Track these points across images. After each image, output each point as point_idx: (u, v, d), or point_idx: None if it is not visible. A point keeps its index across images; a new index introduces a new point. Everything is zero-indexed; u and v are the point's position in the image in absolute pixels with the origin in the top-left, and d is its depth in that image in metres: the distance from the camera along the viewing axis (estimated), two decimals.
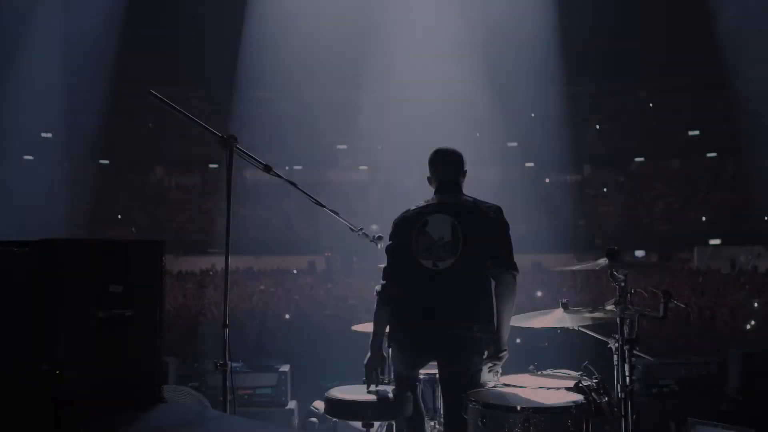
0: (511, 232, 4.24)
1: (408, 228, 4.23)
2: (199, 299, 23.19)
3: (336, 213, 4.60)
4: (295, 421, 6.00)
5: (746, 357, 6.28)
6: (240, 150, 3.95)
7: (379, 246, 4.53)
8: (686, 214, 39.42)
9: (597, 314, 3.97)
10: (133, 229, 39.74)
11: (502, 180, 43.67)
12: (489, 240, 4.02)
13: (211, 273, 33.47)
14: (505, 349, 4.01)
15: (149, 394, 3.25)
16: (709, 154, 42.44)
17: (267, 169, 4.13)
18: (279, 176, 4.25)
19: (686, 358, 6.37)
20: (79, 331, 3.07)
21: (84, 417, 3.00)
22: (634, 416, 4.07)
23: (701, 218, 38.63)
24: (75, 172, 39.55)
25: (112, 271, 3.19)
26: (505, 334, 3.99)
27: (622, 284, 3.87)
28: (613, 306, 3.90)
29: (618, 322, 3.88)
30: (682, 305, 3.75)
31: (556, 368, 5.08)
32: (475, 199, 4.26)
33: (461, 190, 4.36)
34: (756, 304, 18.68)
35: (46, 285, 2.97)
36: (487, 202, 4.24)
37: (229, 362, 3.83)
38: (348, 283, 28.30)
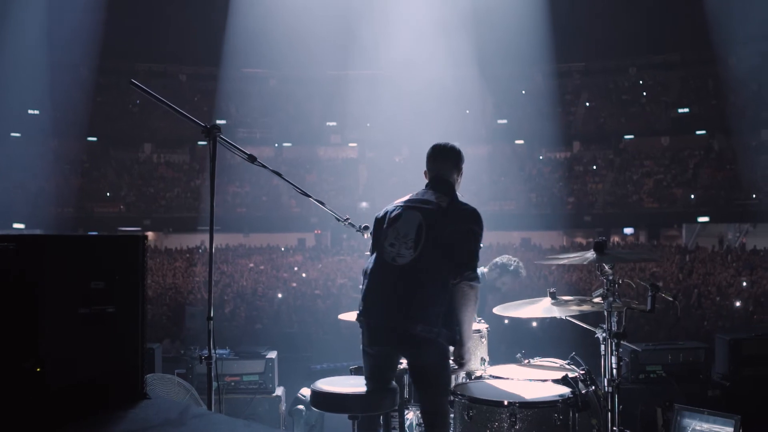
0: (483, 234, 4.15)
1: (383, 221, 4.25)
2: (188, 278, 23.25)
3: (322, 203, 4.55)
4: (282, 407, 5.99)
5: (733, 343, 6.30)
6: (223, 139, 3.89)
7: (365, 236, 4.50)
8: (675, 192, 39.47)
9: (584, 307, 3.95)
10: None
11: (492, 157, 43.66)
12: (451, 246, 3.93)
13: (200, 250, 33.46)
14: (466, 358, 3.95)
15: (132, 391, 3.23)
16: (698, 132, 42.45)
17: (251, 159, 4.07)
18: (264, 166, 4.19)
19: (673, 344, 6.38)
20: (61, 328, 3.03)
21: (66, 415, 2.98)
22: (621, 407, 4.07)
23: (690, 196, 38.70)
24: (62, 149, 39.34)
25: (94, 267, 3.15)
26: (465, 343, 3.93)
27: (610, 278, 3.85)
28: (601, 298, 3.88)
29: (605, 315, 3.86)
30: (670, 298, 3.73)
31: (544, 356, 5.10)
32: (456, 201, 4.19)
33: (450, 190, 4.27)
34: (744, 283, 18.84)
35: (27, 281, 2.93)
36: (466, 208, 4.16)
37: (214, 355, 3.81)
38: (338, 261, 28.39)
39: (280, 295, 17.26)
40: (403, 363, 4.28)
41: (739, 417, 5.22)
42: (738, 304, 15.82)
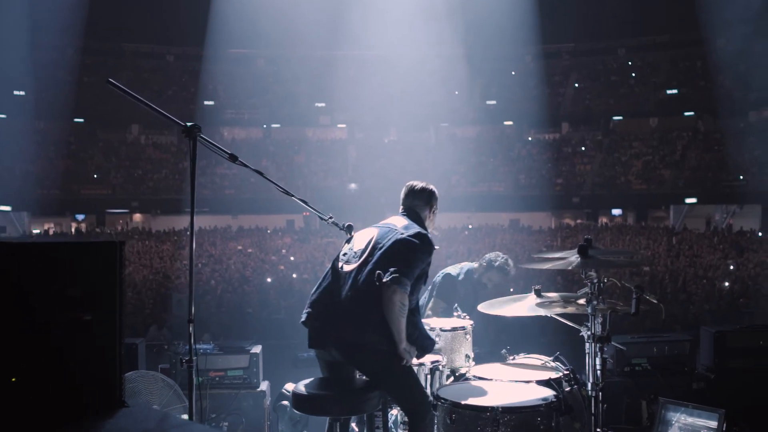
0: (424, 255, 4.16)
1: (353, 236, 4.45)
2: (176, 261, 23.16)
3: (305, 202, 4.52)
4: (267, 402, 5.97)
5: (718, 335, 6.30)
6: (204, 139, 3.82)
7: (348, 235, 4.47)
8: (663, 173, 39.56)
9: (569, 309, 3.92)
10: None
11: (480, 138, 43.64)
12: (390, 255, 4.02)
13: (188, 232, 33.27)
14: (405, 354, 3.98)
15: (110, 399, 3.18)
16: (686, 113, 42.52)
17: (233, 158, 4.02)
18: (245, 165, 4.15)
19: (659, 336, 6.37)
20: (36, 336, 2.98)
21: (42, 425, 2.94)
22: (605, 406, 4.06)
23: (678, 177, 38.81)
24: (49, 130, 39.08)
25: (70, 274, 3.10)
26: (400, 341, 3.95)
27: (594, 280, 3.82)
28: (585, 301, 3.85)
29: (590, 318, 3.84)
30: (654, 301, 3.70)
31: (529, 352, 5.09)
32: (412, 225, 4.30)
33: (416, 218, 4.42)
34: (731, 267, 18.92)
35: (1, 289, 2.88)
36: (416, 229, 4.24)
37: (195, 359, 3.77)
38: (326, 243, 28.29)
39: (269, 280, 17.21)
40: None
41: (723, 411, 5.23)
42: (726, 284, 15.90)
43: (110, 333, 3.18)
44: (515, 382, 4.16)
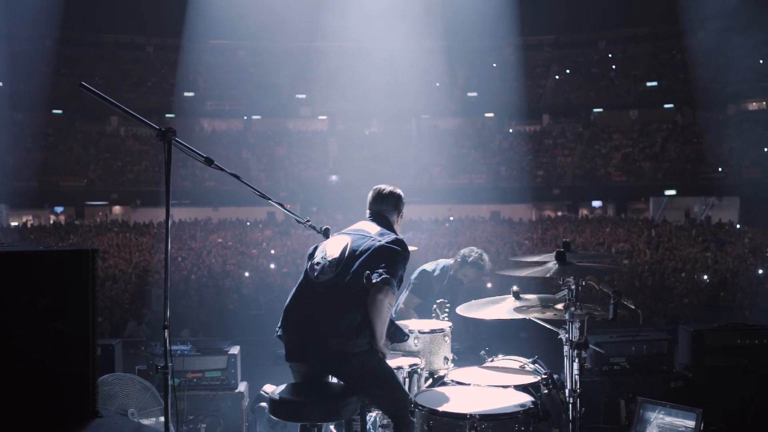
0: (402, 259, 4.15)
1: (319, 244, 4.38)
2: (155, 254, 23.00)
3: (282, 205, 4.48)
4: (245, 403, 5.93)
5: (696, 334, 6.32)
6: (179, 143, 3.78)
7: (326, 238, 4.44)
8: (643, 165, 39.80)
9: (547, 314, 3.91)
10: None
11: (461, 130, 43.70)
12: (370, 261, 4.00)
13: (168, 224, 33.07)
14: (383, 349, 4.07)
15: (83, 410, 3.14)
16: (666, 105, 42.77)
17: (208, 162, 3.97)
18: (221, 169, 4.10)
19: (637, 335, 6.38)
20: (6, 346, 2.94)
21: None
22: (582, 410, 4.06)
23: (657, 169, 39.05)
24: (27, 122, 38.72)
25: (41, 283, 3.05)
26: (380, 338, 4.02)
27: (572, 286, 3.81)
28: (563, 306, 3.84)
29: (567, 324, 3.83)
30: (632, 306, 3.71)
31: (508, 353, 5.08)
32: (386, 231, 4.26)
33: (387, 225, 4.36)
34: (710, 261, 19.02)
35: None
36: (390, 235, 4.22)
37: (170, 365, 3.72)
38: (306, 236, 28.18)
39: (247, 274, 17.12)
40: None
41: (701, 410, 5.26)
42: (705, 278, 15.99)
43: (83, 343, 3.14)
44: (493, 387, 4.15)
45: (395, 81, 35.56)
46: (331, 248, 4.18)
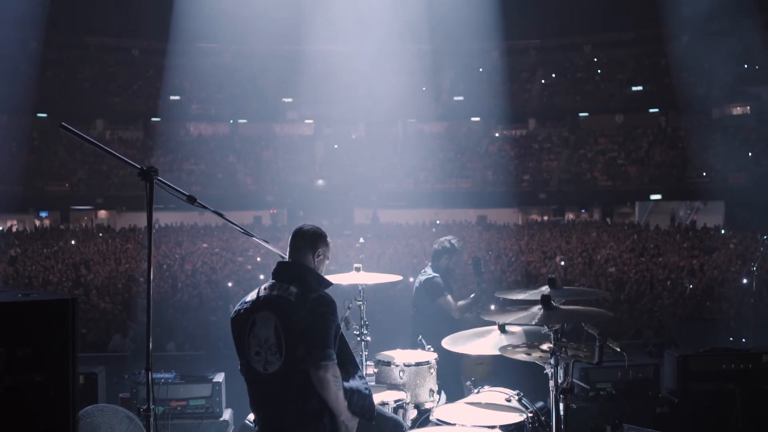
0: (332, 318, 3.95)
1: (240, 330, 4.07)
2: (141, 261, 22.90)
3: (266, 241, 4.46)
4: (230, 431, 5.91)
5: (681, 359, 6.34)
6: (161, 182, 3.76)
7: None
8: (628, 170, 39.96)
9: (534, 354, 3.90)
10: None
11: (448, 134, 43.77)
12: (305, 337, 3.84)
13: (154, 230, 32.99)
14: (347, 422, 3.95)
15: None
16: (651, 110, 42.97)
17: (191, 200, 3.95)
18: (204, 207, 4.08)
19: (623, 361, 6.38)
20: None
21: None
22: None
23: (643, 173, 39.22)
24: (11, 125, 38.44)
25: (20, 333, 3.02)
26: (340, 414, 3.91)
27: (557, 333, 3.80)
28: (548, 351, 3.83)
29: (552, 369, 3.82)
30: (617, 349, 3.71)
31: (493, 385, 5.07)
32: (306, 291, 3.99)
33: (298, 277, 4.07)
34: (695, 268, 19.09)
35: None
36: (313, 293, 3.99)
37: (153, 408, 3.70)
38: None
39: (230, 284, 17.01)
40: None
41: None
42: (690, 286, 16.01)
43: (63, 394, 3.11)
44: (479, 429, 4.14)
45: (381, 85, 35.54)
46: (263, 332, 3.96)
